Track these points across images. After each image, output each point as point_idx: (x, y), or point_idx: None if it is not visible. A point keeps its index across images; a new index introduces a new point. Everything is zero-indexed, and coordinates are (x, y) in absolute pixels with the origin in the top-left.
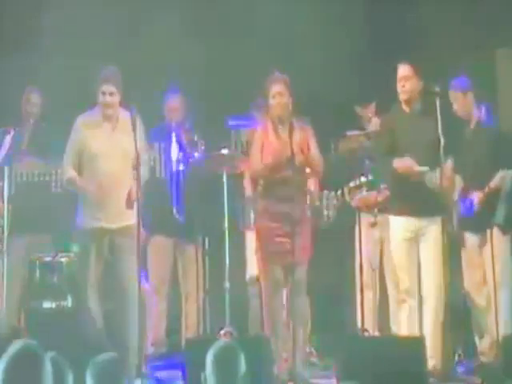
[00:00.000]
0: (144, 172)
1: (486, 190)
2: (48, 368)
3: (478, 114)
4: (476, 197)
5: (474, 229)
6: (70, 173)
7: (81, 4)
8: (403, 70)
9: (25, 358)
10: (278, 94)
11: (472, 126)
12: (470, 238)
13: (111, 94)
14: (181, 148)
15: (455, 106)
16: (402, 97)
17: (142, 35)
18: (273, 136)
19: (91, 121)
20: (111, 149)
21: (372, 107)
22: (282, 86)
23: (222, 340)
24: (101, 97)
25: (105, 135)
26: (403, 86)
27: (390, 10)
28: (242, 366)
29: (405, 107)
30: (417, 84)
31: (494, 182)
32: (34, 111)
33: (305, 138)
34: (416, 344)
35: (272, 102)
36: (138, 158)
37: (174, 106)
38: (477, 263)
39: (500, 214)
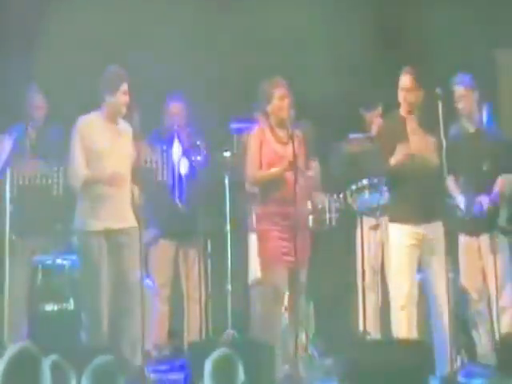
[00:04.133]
0: (146, 174)
1: (494, 193)
2: (46, 371)
3: (480, 114)
4: (484, 200)
5: (475, 232)
6: (83, 172)
7: (83, 5)
8: (405, 81)
9: (23, 361)
10: (282, 96)
11: (474, 127)
12: (470, 242)
13: (128, 93)
14: (183, 152)
15: (460, 105)
16: (404, 107)
17: (145, 38)
18: (272, 140)
19: (94, 122)
20: (115, 149)
21: (378, 110)
22: (284, 89)
23: (221, 349)
24: (122, 96)
25: (109, 136)
26: (404, 98)
27: (391, 12)
28: (241, 376)
29: (405, 115)
30: (418, 95)
31: (498, 186)
32: (36, 113)
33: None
34: (418, 347)
35: (276, 104)
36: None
37: (176, 110)
38: (477, 267)
39: (503, 216)
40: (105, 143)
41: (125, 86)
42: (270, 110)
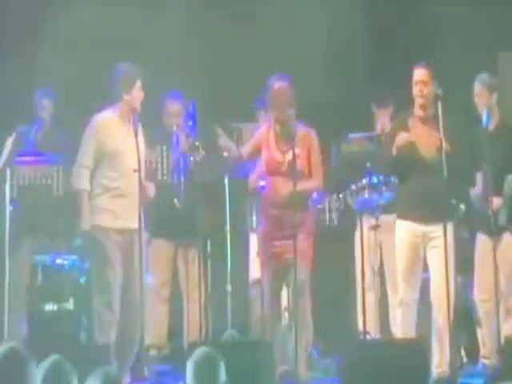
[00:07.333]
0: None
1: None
2: (35, 373)
3: (498, 114)
4: (495, 201)
5: (489, 233)
6: (83, 186)
7: (83, 5)
8: (420, 73)
9: (10, 363)
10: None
11: (492, 126)
12: (485, 242)
13: (142, 89)
14: (182, 152)
15: (477, 100)
16: (419, 101)
17: (144, 37)
18: (273, 141)
19: (110, 119)
20: (130, 148)
21: (389, 109)
22: (284, 86)
23: (202, 348)
24: (137, 93)
25: (124, 135)
26: (421, 91)
27: (393, 12)
28: (222, 376)
29: (419, 111)
30: (433, 88)
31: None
32: (43, 115)
33: (307, 144)
34: (418, 347)
35: (274, 103)
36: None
37: (175, 110)
38: (490, 267)
39: (503, 215)
40: (121, 142)
41: (139, 83)
42: (272, 109)
